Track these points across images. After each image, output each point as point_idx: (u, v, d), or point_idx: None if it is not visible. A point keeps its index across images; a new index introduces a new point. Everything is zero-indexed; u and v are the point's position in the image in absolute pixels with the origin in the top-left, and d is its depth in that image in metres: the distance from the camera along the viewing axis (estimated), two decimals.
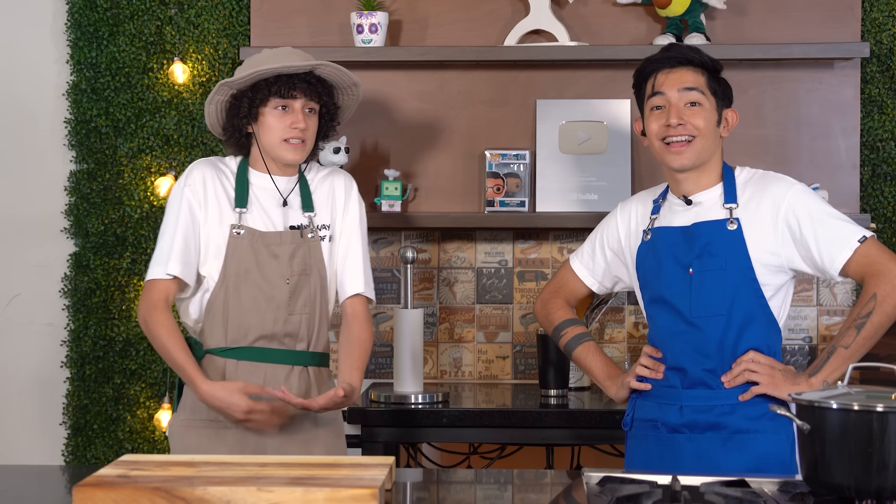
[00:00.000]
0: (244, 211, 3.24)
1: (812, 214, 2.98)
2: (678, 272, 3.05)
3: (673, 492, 2.34)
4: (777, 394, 2.95)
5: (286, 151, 3.24)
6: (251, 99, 3.22)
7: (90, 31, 4.22)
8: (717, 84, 3.09)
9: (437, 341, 4.25)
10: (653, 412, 3.09)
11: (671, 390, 3.07)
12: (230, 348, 3.21)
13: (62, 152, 4.28)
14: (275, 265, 3.22)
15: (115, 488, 2.25)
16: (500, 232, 4.24)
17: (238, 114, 3.25)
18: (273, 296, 3.21)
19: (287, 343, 3.23)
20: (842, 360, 2.92)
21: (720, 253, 3.01)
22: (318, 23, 4.19)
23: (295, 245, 3.24)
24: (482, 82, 4.19)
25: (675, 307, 3.05)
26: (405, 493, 2.62)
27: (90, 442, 4.25)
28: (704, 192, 3.08)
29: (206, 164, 3.30)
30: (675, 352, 3.06)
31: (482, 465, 4.07)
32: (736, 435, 2.99)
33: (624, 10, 4.16)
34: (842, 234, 2.95)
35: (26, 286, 4.31)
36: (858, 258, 2.94)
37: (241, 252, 3.21)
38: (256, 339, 3.21)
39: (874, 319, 2.90)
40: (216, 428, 3.19)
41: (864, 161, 4.14)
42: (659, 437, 3.07)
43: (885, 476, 2.31)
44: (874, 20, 4.11)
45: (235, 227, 3.22)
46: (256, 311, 3.20)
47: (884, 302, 2.90)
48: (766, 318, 3.02)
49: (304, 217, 3.29)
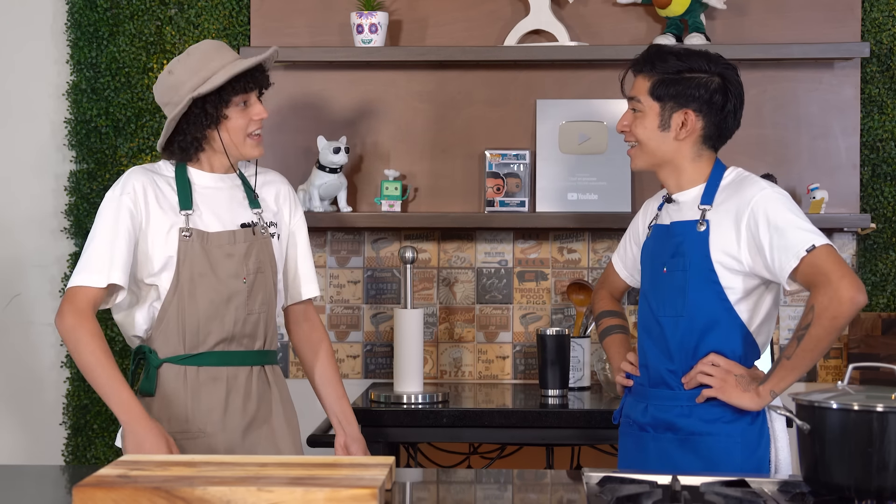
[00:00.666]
0: (190, 213, 3.15)
1: (770, 220, 2.94)
2: (656, 270, 3.09)
3: (673, 492, 2.34)
4: (726, 399, 2.96)
5: (252, 147, 3.19)
6: (216, 103, 3.14)
7: (90, 31, 4.22)
8: (669, 87, 3.04)
9: (437, 341, 4.25)
10: (629, 408, 3.15)
11: (641, 388, 3.12)
12: (189, 355, 3.13)
13: (62, 152, 4.28)
14: (230, 265, 3.15)
15: (115, 488, 2.25)
16: (500, 232, 4.24)
17: (202, 121, 3.15)
18: (230, 296, 3.14)
19: (246, 343, 3.18)
20: (786, 370, 2.91)
21: (686, 253, 3.02)
22: (318, 23, 4.19)
23: (248, 243, 3.18)
24: (482, 82, 4.19)
25: (650, 305, 3.09)
26: (405, 493, 2.62)
27: (90, 442, 4.25)
28: (684, 192, 3.09)
29: (142, 171, 3.18)
30: (644, 349, 3.11)
31: (482, 465, 4.06)
32: (691, 437, 3.01)
33: (624, 10, 4.16)
34: (792, 243, 2.91)
35: (26, 286, 4.31)
36: (804, 268, 2.89)
37: (193, 255, 3.12)
38: (217, 343, 3.15)
39: (812, 332, 2.86)
40: (184, 439, 3.11)
41: (864, 161, 4.14)
42: (633, 434, 3.12)
43: (885, 476, 2.31)
44: (874, 20, 4.11)
45: (184, 230, 3.12)
46: (215, 313, 3.13)
47: (821, 315, 2.85)
48: (732, 322, 3.00)
49: (253, 214, 3.23)
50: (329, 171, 4.05)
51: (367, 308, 4.26)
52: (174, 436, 3.09)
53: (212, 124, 3.17)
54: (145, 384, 3.14)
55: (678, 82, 3.05)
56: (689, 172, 3.08)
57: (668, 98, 3.05)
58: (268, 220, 3.25)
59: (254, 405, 3.18)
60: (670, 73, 3.05)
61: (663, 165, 3.09)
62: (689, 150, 3.07)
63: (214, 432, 3.14)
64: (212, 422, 3.14)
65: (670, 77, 3.05)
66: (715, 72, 3.06)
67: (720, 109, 3.06)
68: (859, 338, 4.09)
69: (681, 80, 3.05)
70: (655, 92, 3.05)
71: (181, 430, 3.12)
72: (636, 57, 3.13)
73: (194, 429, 3.13)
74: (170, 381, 3.14)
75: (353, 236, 4.25)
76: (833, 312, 2.84)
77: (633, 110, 3.10)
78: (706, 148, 3.09)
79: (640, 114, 3.08)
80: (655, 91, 3.05)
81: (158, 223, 3.13)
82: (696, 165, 3.08)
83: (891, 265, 4.14)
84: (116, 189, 3.15)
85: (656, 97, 3.06)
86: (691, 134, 3.06)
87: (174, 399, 3.13)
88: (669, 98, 3.05)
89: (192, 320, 3.12)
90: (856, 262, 4.16)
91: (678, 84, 3.05)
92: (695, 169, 3.08)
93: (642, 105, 3.07)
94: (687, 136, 3.06)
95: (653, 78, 3.06)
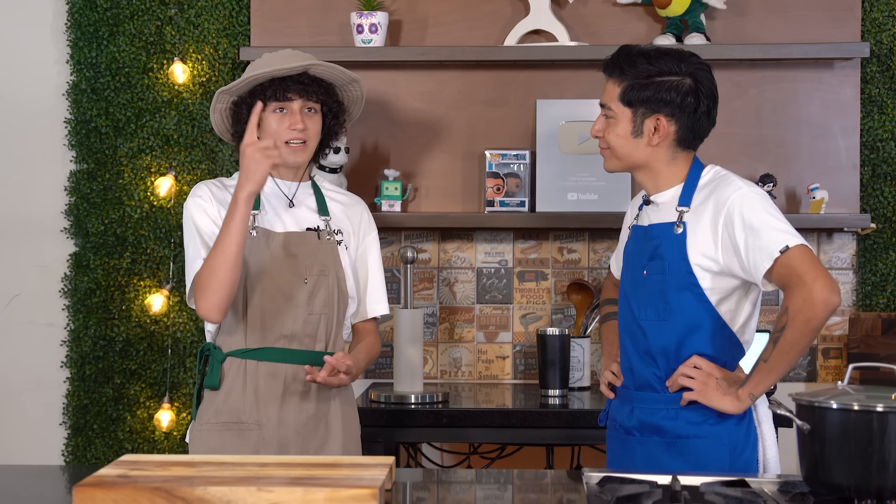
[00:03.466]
0: (256, 213, 3.23)
1: (746, 220, 2.90)
2: (635, 272, 3.06)
3: (673, 492, 2.34)
4: (706, 402, 2.94)
5: (288, 154, 3.23)
6: (250, 105, 3.23)
7: (90, 31, 4.22)
8: (639, 92, 2.99)
9: (437, 341, 4.25)
10: (614, 411, 3.13)
11: (625, 391, 3.09)
12: (250, 349, 3.21)
13: (62, 152, 4.28)
14: (292, 264, 3.22)
15: (115, 488, 2.25)
16: (500, 232, 4.24)
17: (240, 120, 3.26)
18: (292, 295, 3.21)
19: (307, 343, 3.23)
20: (763, 373, 2.88)
21: (665, 256, 2.98)
22: (318, 23, 4.19)
23: (312, 245, 3.24)
24: (482, 82, 4.20)
25: (631, 307, 3.05)
26: (405, 493, 2.62)
27: (90, 442, 4.25)
28: (661, 193, 3.05)
29: (209, 182, 3.30)
30: (627, 352, 3.07)
31: (482, 465, 4.07)
32: (678, 440, 2.98)
33: (624, 10, 4.16)
34: (767, 243, 2.87)
35: (26, 286, 4.31)
36: (778, 268, 2.86)
37: (258, 253, 3.20)
38: (277, 340, 3.21)
39: (787, 335, 2.83)
40: (239, 430, 3.20)
41: (864, 161, 4.14)
42: (619, 437, 3.09)
43: (885, 476, 2.31)
44: (874, 20, 4.11)
45: (251, 228, 3.20)
46: (276, 311, 3.20)
47: (795, 317, 2.82)
48: (715, 323, 2.97)
49: (320, 220, 3.30)
50: (329, 171, 4.05)
51: None
52: (231, 427, 3.20)
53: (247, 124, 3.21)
54: (210, 378, 3.23)
55: (648, 87, 2.98)
56: (666, 175, 3.03)
57: (639, 104, 2.98)
58: (335, 228, 3.31)
59: (311, 405, 3.23)
60: (640, 77, 2.98)
61: (638, 169, 3.05)
62: (664, 153, 3.02)
63: (270, 426, 3.20)
64: (268, 416, 3.20)
65: (640, 82, 2.98)
66: (686, 72, 2.99)
67: (693, 112, 2.99)
68: (859, 338, 4.09)
69: (650, 85, 2.98)
70: (626, 97, 2.99)
71: (237, 421, 3.20)
72: (605, 59, 3.06)
73: (250, 421, 3.20)
74: (231, 374, 3.22)
75: None
76: (807, 315, 2.81)
77: (604, 116, 3.04)
78: (681, 150, 3.03)
79: (612, 120, 3.02)
80: (626, 97, 2.99)
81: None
82: (671, 168, 3.03)
83: (891, 265, 4.14)
84: (190, 199, 3.25)
85: (627, 103, 2.99)
86: (665, 139, 3.00)
87: (233, 392, 3.21)
88: (640, 104, 2.98)
89: (255, 316, 3.20)
90: (856, 262, 4.16)
91: (648, 89, 2.98)
92: (671, 171, 3.03)
93: (613, 112, 3.01)
94: (660, 140, 3.00)
95: (623, 83, 3.00)
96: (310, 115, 3.25)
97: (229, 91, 3.25)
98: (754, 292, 3.01)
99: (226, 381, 3.23)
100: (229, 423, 3.20)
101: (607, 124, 3.04)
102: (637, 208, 3.16)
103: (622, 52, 3.04)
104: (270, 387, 3.21)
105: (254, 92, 3.23)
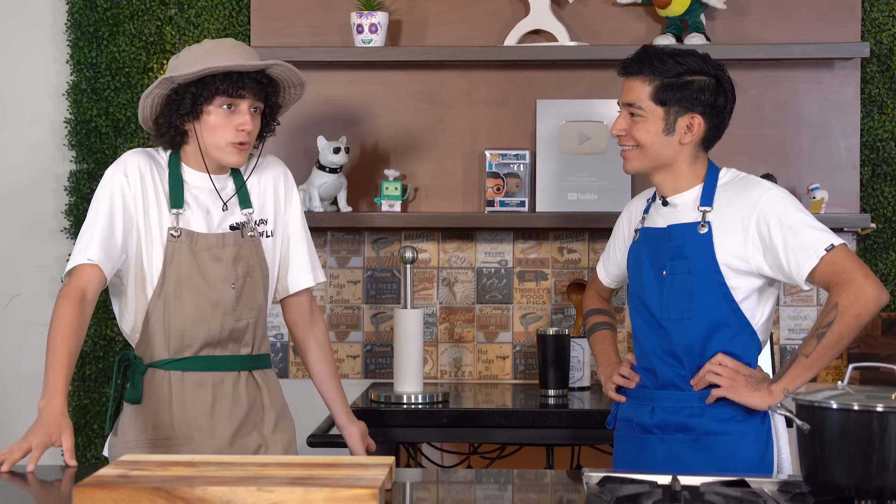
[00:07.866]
0: (180, 212, 3.05)
1: (782, 220, 2.95)
2: (653, 274, 3.07)
3: (673, 492, 2.34)
4: (737, 399, 2.97)
5: (231, 155, 3.05)
6: (195, 95, 3.01)
7: (90, 31, 4.22)
8: (674, 91, 3.02)
9: (437, 341, 4.25)
10: (629, 412, 3.13)
11: (644, 391, 3.10)
12: (174, 359, 3.05)
13: (62, 152, 4.28)
14: (218, 269, 3.06)
15: (115, 488, 2.25)
16: (500, 232, 4.24)
17: (178, 110, 3.03)
18: (218, 301, 3.05)
19: (232, 348, 3.09)
20: (803, 368, 2.91)
21: (690, 256, 3.01)
22: (318, 23, 4.19)
23: (237, 246, 3.08)
24: (482, 82, 4.20)
25: (649, 308, 3.07)
26: (405, 493, 2.62)
27: (90, 442, 4.24)
28: (681, 194, 3.08)
29: (143, 154, 3.08)
30: (647, 353, 3.09)
31: (482, 465, 4.07)
32: (704, 437, 3.01)
33: (624, 10, 4.16)
34: (809, 242, 2.92)
35: (26, 286, 4.31)
36: (824, 267, 2.91)
37: (181, 256, 3.03)
38: (202, 348, 3.06)
39: (835, 329, 2.88)
40: (169, 446, 3.04)
41: (864, 161, 4.14)
42: (634, 437, 3.10)
43: (885, 476, 2.31)
44: (874, 20, 4.11)
45: (172, 229, 3.03)
46: (201, 318, 3.04)
47: (845, 312, 2.87)
48: (739, 321, 3.01)
49: (243, 215, 3.13)
50: (329, 171, 4.05)
51: (367, 308, 4.26)
52: (160, 443, 3.04)
53: (187, 116, 3.04)
54: (131, 392, 3.07)
55: (682, 87, 3.03)
56: (687, 175, 3.07)
57: (673, 102, 3.02)
58: (258, 219, 3.15)
59: (242, 411, 3.10)
60: (671, 76, 3.03)
61: (661, 168, 3.07)
62: (688, 153, 3.06)
63: (201, 439, 3.06)
64: (198, 428, 3.06)
65: (673, 81, 3.03)
66: (711, 73, 3.05)
67: (721, 111, 3.06)
68: (859, 338, 4.09)
69: (683, 84, 3.03)
70: (659, 96, 3.02)
71: (167, 437, 3.05)
72: (627, 59, 3.08)
73: (180, 435, 3.05)
74: (154, 386, 3.06)
75: (353, 236, 4.25)
76: (858, 310, 2.87)
77: (630, 114, 3.06)
78: (702, 150, 3.08)
79: (641, 118, 3.04)
80: (659, 96, 3.02)
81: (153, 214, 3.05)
82: (693, 168, 3.07)
83: (891, 265, 4.14)
84: (116, 169, 3.06)
85: (660, 101, 3.03)
86: (694, 137, 3.05)
87: (160, 405, 3.06)
88: (674, 102, 3.02)
89: (178, 324, 3.04)
90: None
91: (683, 88, 3.02)
92: (692, 171, 3.07)
93: (643, 110, 3.04)
94: (691, 139, 3.04)
95: (654, 82, 3.03)
96: (254, 115, 3.07)
97: (175, 79, 3.01)
98: (774, 292, 3.05)
99: (149, 395, 3.06)
100: (158, 439, 3.03)
101: (633, 122, 3.05)
102: (642, 212, 3.17)
103: (649, 51, 3.07)
104: (198, 397, 3.06)
105: (202, 83, 3.00)
